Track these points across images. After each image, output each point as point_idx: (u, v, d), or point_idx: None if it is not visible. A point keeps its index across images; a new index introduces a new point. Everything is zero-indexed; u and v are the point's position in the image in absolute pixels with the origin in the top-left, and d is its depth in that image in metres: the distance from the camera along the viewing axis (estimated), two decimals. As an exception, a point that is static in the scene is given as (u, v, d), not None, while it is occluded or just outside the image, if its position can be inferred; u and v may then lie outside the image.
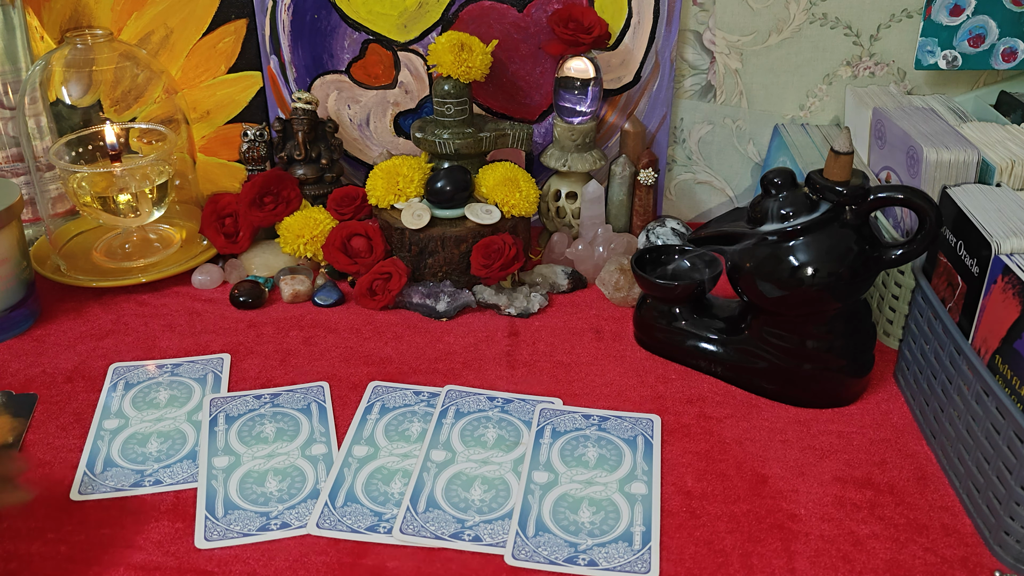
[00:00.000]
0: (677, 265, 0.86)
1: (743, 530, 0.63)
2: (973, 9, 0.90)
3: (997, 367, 0.61)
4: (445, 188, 0.89)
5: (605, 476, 0.68)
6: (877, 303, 0.84)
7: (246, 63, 1.02)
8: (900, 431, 0.73)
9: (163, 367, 0.81)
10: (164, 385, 0.79)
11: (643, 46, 0.97)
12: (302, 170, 0.99)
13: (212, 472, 0.69)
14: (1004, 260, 0.62)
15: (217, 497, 0.66)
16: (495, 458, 0.69)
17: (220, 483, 0.68)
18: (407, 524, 0.63)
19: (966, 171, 0.76)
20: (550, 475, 0.68)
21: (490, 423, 0.73)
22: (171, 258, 0.96)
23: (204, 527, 0.64)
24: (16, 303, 0.85)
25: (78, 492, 0.67)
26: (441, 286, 0.90)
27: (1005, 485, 0.59)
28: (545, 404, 0.75)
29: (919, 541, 0.62)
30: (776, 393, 0.76)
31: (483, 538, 0.62)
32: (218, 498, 0.66)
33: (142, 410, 0.76)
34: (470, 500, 0.65)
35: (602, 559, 0.60)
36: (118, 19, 1.00)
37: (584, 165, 0.96)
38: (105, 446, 0.72)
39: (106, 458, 0.70)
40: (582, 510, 0.65)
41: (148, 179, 0.93)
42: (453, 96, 0.91)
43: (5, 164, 0.95)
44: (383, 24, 0.99)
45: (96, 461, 0.70)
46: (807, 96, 0.99)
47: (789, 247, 0.70)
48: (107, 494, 0.67)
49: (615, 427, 0.73)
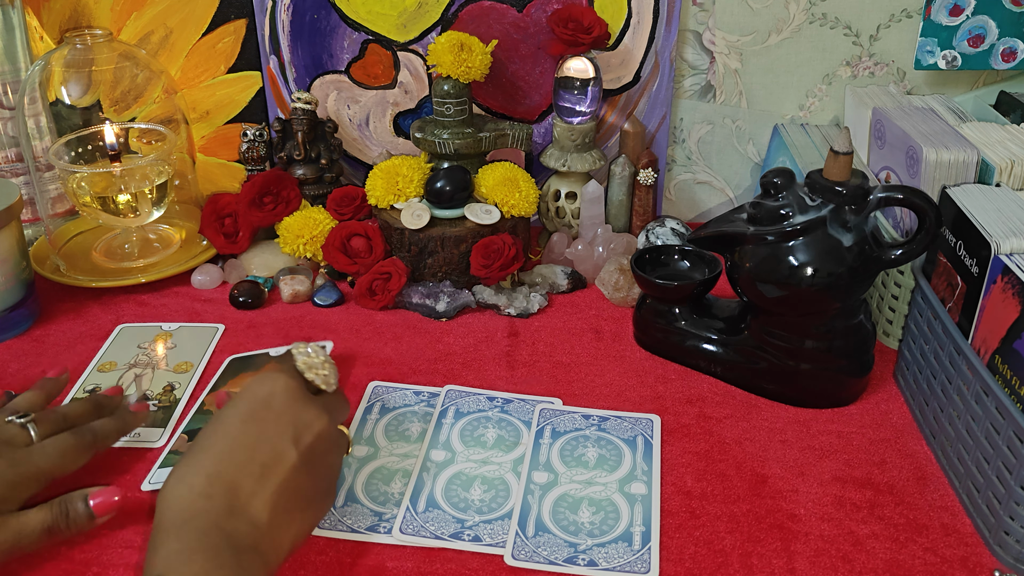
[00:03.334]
0: (677, 265, 0.86)
1: (743, 530, 0.63)
2: (973, 9, 0.90)
3: (997, 367, 0.61)
4: (445, 188, 0.89)
5: (605, 476, 0.68)
6: (877, 303, 0.84)
7: (246, 63, 1.02)
8: (900, 431, 0.73)
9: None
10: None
11: (643, 46, 0.97)
12: (302, 170, 0.99)
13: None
14: (1004, 260, 0.62)
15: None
16: (495, 458, 0.69)
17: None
18: (407, 524, 0.63)
19: (966, 171, 0.76)
20: (550, 475, 0.68)
21: (490, 423, 0.73)
22: (171, 258, 0.96)
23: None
24: (16, 303, 0.85)
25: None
26: (441, 286, 0.90)
27: (1005, 485, 0.59)
28: (545, 404, 0.75)
29: (919, 541, 0.62)
30: (776, 393, 0.76)
31: (483, 538, 0.62)
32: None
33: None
34: (470, 500, 0.65)
35: (602, 559, 0.60)
36: (118, 19, 1.00)
37: (584, 165, 0.96)
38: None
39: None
40: (582, 510, 0.65)
41: (148, 179, 0.93)
42: (453, 96, 0.91)
43: (5, 164, 0.95)
44: (383, 24, 0.99)
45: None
46: (807, 96, 0.99)
47: (789, 247, 0.70)
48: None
49: (615, 427, 0.73)
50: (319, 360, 0.63)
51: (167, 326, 0.86)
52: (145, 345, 0.83)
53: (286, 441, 0.57)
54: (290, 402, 0.59)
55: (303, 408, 0.59)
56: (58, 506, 0.59)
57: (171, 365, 0.81)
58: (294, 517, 0.57)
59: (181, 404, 0.75)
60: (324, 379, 0.63)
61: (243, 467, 0.55)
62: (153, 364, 0.81)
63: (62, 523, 0.58)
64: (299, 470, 0.57)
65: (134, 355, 0.82)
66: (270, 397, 0.59)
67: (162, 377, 0.79)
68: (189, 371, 0.80)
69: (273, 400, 0.58)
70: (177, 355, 0.82)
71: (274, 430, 0.57)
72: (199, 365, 0.81)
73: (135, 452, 0.70)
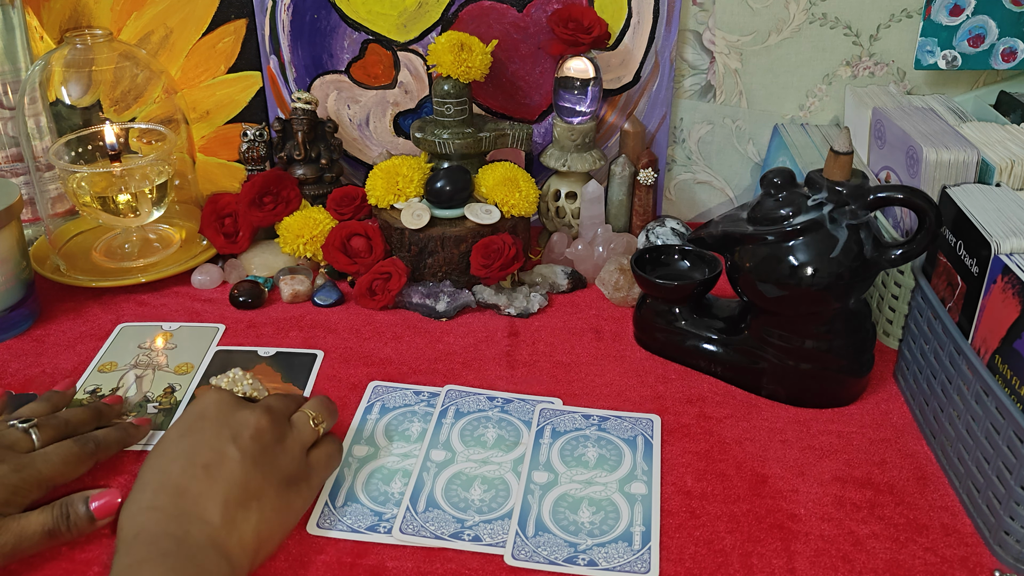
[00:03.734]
0: (677, 265, 0.86)
1: (743, 530, 0.63)
2: (973, 9, 0.90)
3: (997, 367, 0.61)
4: (445, 188, 0.89)
5: (605, 476, 0.68)
6: (877, 303, 0.84)
7: (246, 63, 1.02)
8: (900, 431, 0.73)
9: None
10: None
11: (643, 46, 0.97)
12: (302, 170, 0.99)
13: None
14: (1004, 260, 0.62)
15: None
16: (495, 458, 0.70)
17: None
18: (407, 524, 0.63)
19: (966, 171, 0.76)
20: (550, 475, 0.68)
21: (490, 423, 0.73)
22: (171, 258, 0.96)
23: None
24: (16, 303, 0.85)
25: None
26: (441, 286, 0.90)
27: (1005, 485, 0.59)
28: (545, 404, 0.75)
29: (919, 541, 0.62)
30: (776, 393, 0.76)
31: (483, 538, 0.62)
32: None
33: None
34: (470, 500, 0.65)
35: (602, 559, 0.60)
36: (118, 19, 1.00)
37: (584, 165, 0.96)
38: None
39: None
40: (582, 510, 0.65)
41: (148, 179, 0.93)
42: (453, 96, 0.91)
43: (5, 164, 0.95)
44: (383, 24, 0.99)
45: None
46: (807, 96, 0.99)
47: (789, 247, 0.70)
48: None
49: (615, 427, 0.73)
50: (239, 375, 0.72)
51: (167, 326, 0.86)
52: (145, 345, 0.83)
53: (224, 441, 0.59)
54: (223, 408, 0.62)
55: (236, 411, 0.62)
56: (58, 509, 0.59)
57: (171, 365, 0.81)
58: (251, 509, 0.57)
59: (182, 406, 0.75)
60: (251, 388, 0.72)
61: (185, 471, 0.57)
62: (154, 364, 0.81)
63: (63, 526, 0.59)
64: (244, 464, 0.58)
65: (134, 355, 0.82)
66: (203, 410, 0.62)
67: (163, 378, 0.79)
68: (190, 372, 0.80)
69: (206, 411, 0.61)
70: (177, 355, 0.82)
71: (212, 434, 0.60)
72: (200, 366, 0.81)
73: (134, 455, 0.70)
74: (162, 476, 0.57)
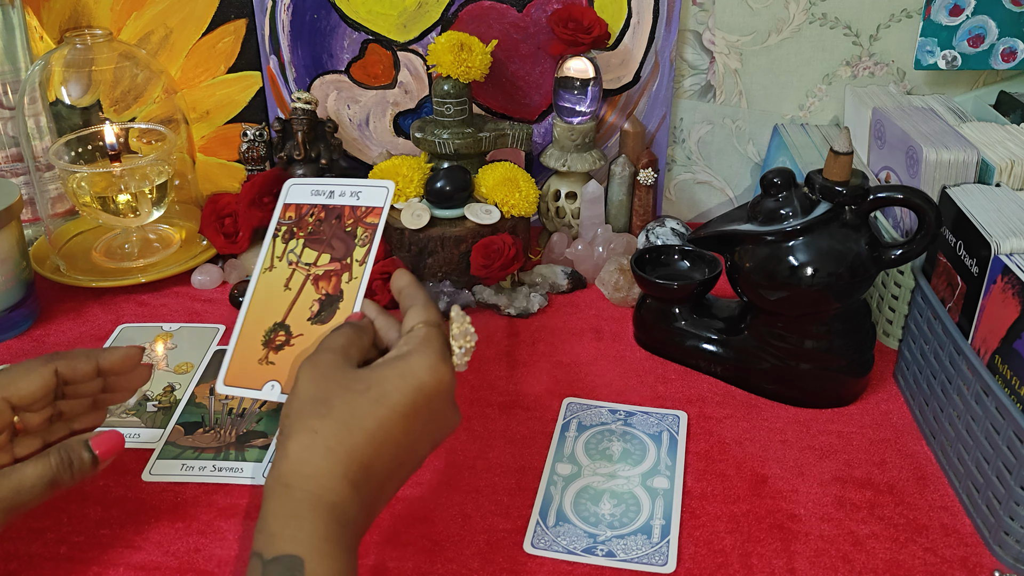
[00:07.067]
0: (677, 265, 0.86)
1: (743, 530, 0.63)
2: (973, 9, 0.90)
3: (997, 367, 0.61)
4: (445, 188, 0.89)
5: (628, 470, 0.68)
6: (877, 303, 0.84)
7: (245, 63, 1.02)
8: (900, 431, 0.73)
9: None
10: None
11: (643, 46, 0.97)
12: (302, 170, 0.99)
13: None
14: (1004, 260, 0.62)
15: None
16: (622, 472, 0.68)
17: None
18: (538, 538, 0.63)
19: (965, 171, 0.76)
20: (573, 467, 0.69)
21: (614, 436, 0.73)
22: (171, 258, 0.96)
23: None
24: (16, 303, 0.85)
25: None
26: (441, 286, 0.90)
27: (1005, 485, 0.59)
28: (671, 415, 0.74)
29: (919, 541, 0.62)
30: (776, 393, 0.76)
31: (616, 553, 0.62)
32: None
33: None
34: (600, 515, 0.66)
35: (620, 550, 0.61)
36: (117, 19, 1.00)
37: (584, 165, 0.96)
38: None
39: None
40: (603, 502, 0.65)
41: (148, 179, 0.93)
42: (453, 96, 0.91)
43: (5, 164, 0.95)
44: (383, 24, 0.99)
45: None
46: (807, 96, 0.99)
47: (789, 247, 0.70)
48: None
49: (641, 422, 0.73)
50: (471, 330, 0.58)
51: (167, 326, 0.86)
52: (146, 345, 0.83)
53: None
54: (446, 402, 0.55)
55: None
56: (56, 455, 0.55)
57: (171, 365, 0.81)
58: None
59: (181, 405, 0.75)
60: (467, 352, 0.57)
61: (388, 465, 0.52)
62: (154, 365, 0.81)
63: (65, 474, 0.55)
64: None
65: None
66: (434, 395, 0.53)
67: (162, 378, 0.79)
68: (190, 372, 0.80)
69: (436, 398, 0.54)
70: (177, 355, 0.82)
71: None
72: (200, 365, 0.81)
73: (133, 452, 0.70)
74: (372, 458, 0.50)
